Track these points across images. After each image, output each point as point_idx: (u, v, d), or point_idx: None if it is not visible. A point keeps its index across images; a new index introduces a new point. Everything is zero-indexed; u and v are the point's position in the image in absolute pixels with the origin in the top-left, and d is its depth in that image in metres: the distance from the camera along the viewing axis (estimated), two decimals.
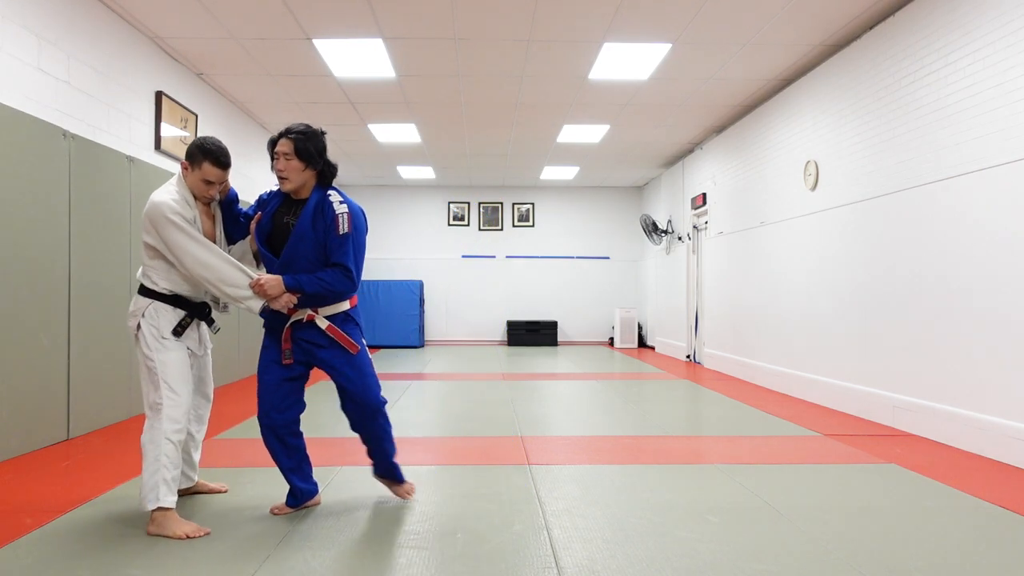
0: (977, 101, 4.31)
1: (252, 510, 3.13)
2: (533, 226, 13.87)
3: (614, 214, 13.89)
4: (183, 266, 2.87)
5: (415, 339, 12.61)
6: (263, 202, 3.12)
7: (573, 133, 9.28)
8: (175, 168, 6.26)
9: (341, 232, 2.90)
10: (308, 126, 2.99)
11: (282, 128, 3.01)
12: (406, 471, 3.82)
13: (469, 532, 2.87)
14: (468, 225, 13.79)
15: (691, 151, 10.27)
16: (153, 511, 2.78)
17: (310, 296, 2.93)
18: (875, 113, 5.40)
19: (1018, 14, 4.00)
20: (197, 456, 3.29)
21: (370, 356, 3.12)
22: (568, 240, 13.87)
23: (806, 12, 5.33)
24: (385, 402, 3.12)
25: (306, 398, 3.16)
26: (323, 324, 2.98)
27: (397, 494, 3.30)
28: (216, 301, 3.13)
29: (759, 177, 7.69)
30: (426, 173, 12.25)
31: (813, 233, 6.41)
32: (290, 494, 3.10)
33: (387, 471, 3.27)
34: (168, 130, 6.10)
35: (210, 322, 3.16)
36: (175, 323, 2.93)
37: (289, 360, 3.01)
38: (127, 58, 5.50)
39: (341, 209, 2.94)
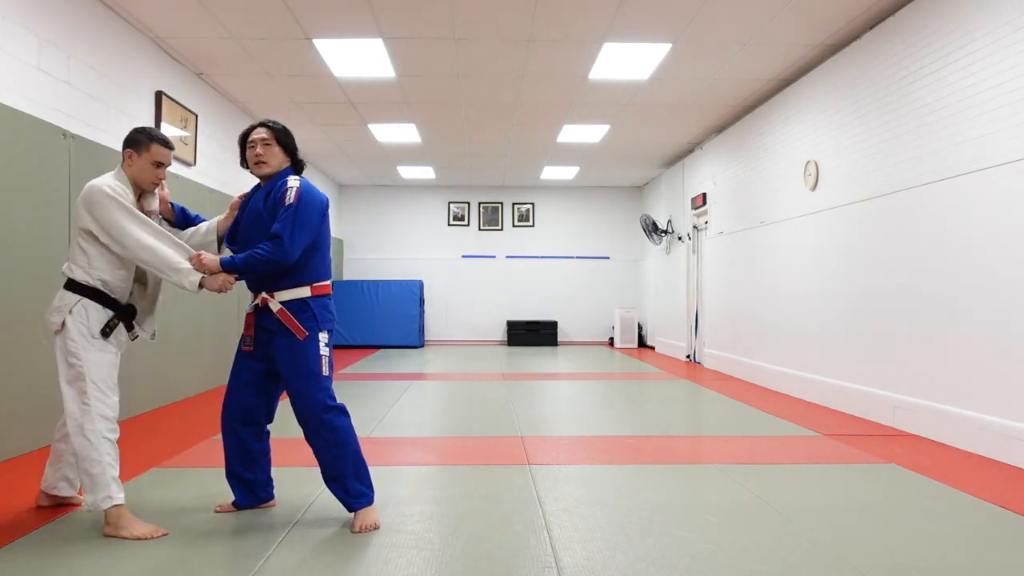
0: (977, 101, 4.31)
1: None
2: (533, 226, 13.87)
3: (614, 214, 13.89)
4: (124, 247, 2.79)
5: (415, 339, 12.61)
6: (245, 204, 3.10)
7: (573, 133, 9.28)
8: (175, 168, 6.25)
9: (286, 203, 2.83)
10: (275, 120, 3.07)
11: (252, 123, 3.06)
12: (408, 471, 3.83)
13: (469, 532, 2.87)
14: (468, 225, 13.79)
15: (691, 151, 10.27)
16: (108, 510, 2.75)
17: (245, 272, 2.85)
18: (875, 113, 5.40)
19: (1018, 14, 4.00)
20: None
21: (324, 353, 2.90)
22: (568, 240, 13.86)
23: (806, 12, 5.33)
24: (328, 405, 2.86)
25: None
26: (275, 307, 2.87)
27: (356, 527, 2.85)
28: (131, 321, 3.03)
29: (759, 177, 7.69)
30: (426, 173, 12.25)
31: (813, 233, 6.41)
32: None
33: (339, 496, 2.92)
34: (168, 130, 6.10)
35: (130, 327, 3.01)
36: (103, 323, 2.84)
37: (249, 347, 2.94)
38: (127, 58, 5.50)
39: (292, 184, 2.89)
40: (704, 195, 9.57)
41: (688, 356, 10.35)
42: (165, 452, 4.22)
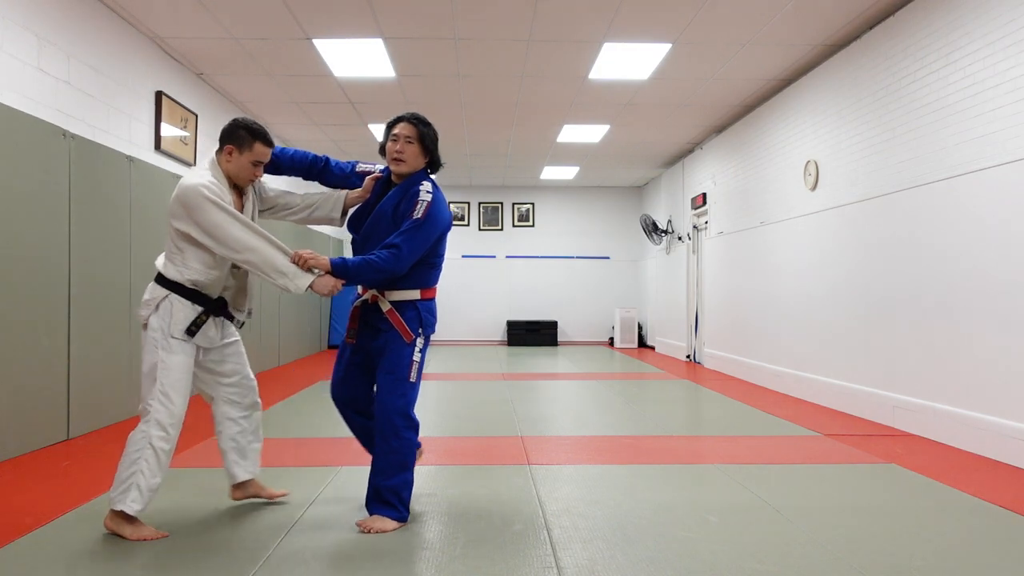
0: (977, 101, 4.31)
1: (252, 509, 3.12)
2: (533, 226, 13.87)
3: (614, 214, 13.89)
4: (225, 247, 2.73)
5: None
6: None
7: (573, 133, 9.28)
8: (175, 168, 6.26)
9: (414, 216, 2.83)
10: (424, 116, 3.04)
11: (401, 115, 3.06)
12: None
13: (469, 532, 2.87)
14: (468, 225, 13.79)
15: (691, 151, 10.28)
16: (116, 509, 2.73)
17: (356, 279, 2.84)
18: (875, 113, 5.40)
19: (1018, 14, 4.00)
20: (254, 448, 3.10)
21: (416, 358, 2.92)
22: (568, 240, 13.86)
23: (806, 12, 5.33)
24: (404, 412, 2.88)
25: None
26: (385, 307, 2.90)
27: (362, 524, 2.87)
28: (229, 314, 2.99)
29: (759, 177, 7.69)
30: None
31: (813, 233, 6.41)
32: None
33: (370, 499, 2.93)
34: (168, 130, 6.10)
35: (230, 317, 2.99)
36: (190, 321, 2.78)
37: (352, 339, 2.99)
38: (127, 58, 5.50)
39: (425, 197, 2.88)
40: (704, 195, 9.57)
41: (688, 356, 10.35)
42: None
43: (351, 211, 3.12)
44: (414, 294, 2.94)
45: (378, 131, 9.09)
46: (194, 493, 3.39)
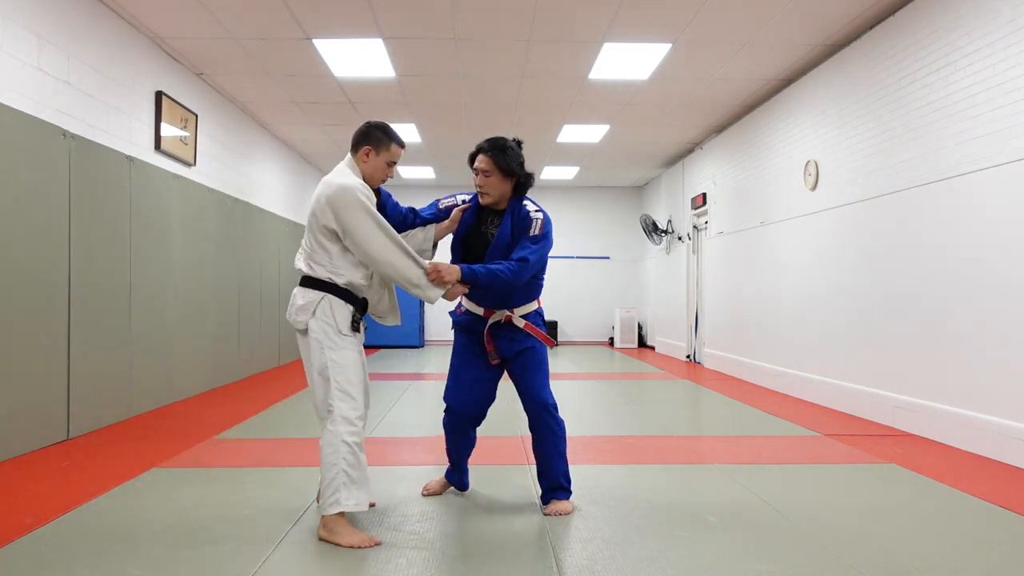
0: (977, 101, 4.31)
1: (252, 510, 3.12)
2: None
3: (614, 214, 13.89)
4: (364, 253, 2.74)
5: (415, 339, 12.61)
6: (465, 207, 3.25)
7: (573, 133, 9.28)
8: (175, 168, 6.26)
9: (532, 233, 3.06)
10: (503, 140, 3.09)
11: (480, 144, 3.12)
12: (408, 471, 3.84)
13: (469, 532, 2.87)
14: None
15: (691, 151, 10.28)
16: (328, 516, 2.70)
17: (487, 287, 3.01)
18: (875, 113, 5.40)
19: (1018, 14, 4.00)
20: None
21: (547, 358, 3.24)
22: (568, 240, 13.86)
23: (806, 12, 5.33)
24: (555, 404, 3.20)
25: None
26: (520, 323, 3.16)
27: (549, 511, 3.12)
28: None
29: (759, 177, 7.69)
30: (426, 173, 12.24)
31: (813, 233, 6.41)
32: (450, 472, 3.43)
33: (546, 484, 3.19)
34: (168, 130, 6.10)
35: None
36: (350, 319, 2.80)
37: (496, 360, 3.20)
38: (127, 58, 5.50)
39: (537, 215, 3.11)
40: (704, 195, 9.57)
41: (688, 356, 10.35)
42: (165, 452, 4.22)
43: (444, 239, 3.28)
44: (534, 305, 3.24)
45: None
46: (194, 493, 3.39)
